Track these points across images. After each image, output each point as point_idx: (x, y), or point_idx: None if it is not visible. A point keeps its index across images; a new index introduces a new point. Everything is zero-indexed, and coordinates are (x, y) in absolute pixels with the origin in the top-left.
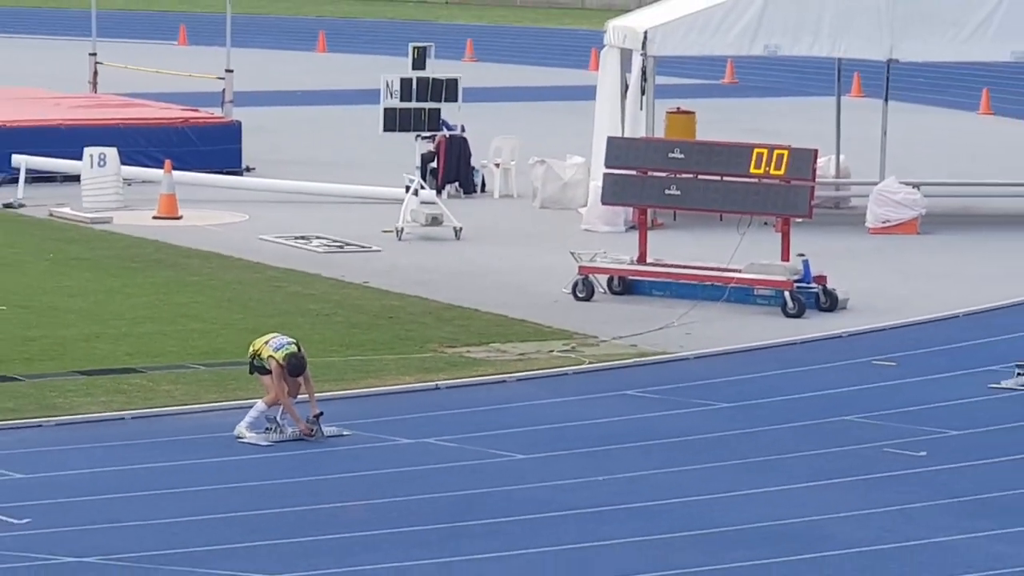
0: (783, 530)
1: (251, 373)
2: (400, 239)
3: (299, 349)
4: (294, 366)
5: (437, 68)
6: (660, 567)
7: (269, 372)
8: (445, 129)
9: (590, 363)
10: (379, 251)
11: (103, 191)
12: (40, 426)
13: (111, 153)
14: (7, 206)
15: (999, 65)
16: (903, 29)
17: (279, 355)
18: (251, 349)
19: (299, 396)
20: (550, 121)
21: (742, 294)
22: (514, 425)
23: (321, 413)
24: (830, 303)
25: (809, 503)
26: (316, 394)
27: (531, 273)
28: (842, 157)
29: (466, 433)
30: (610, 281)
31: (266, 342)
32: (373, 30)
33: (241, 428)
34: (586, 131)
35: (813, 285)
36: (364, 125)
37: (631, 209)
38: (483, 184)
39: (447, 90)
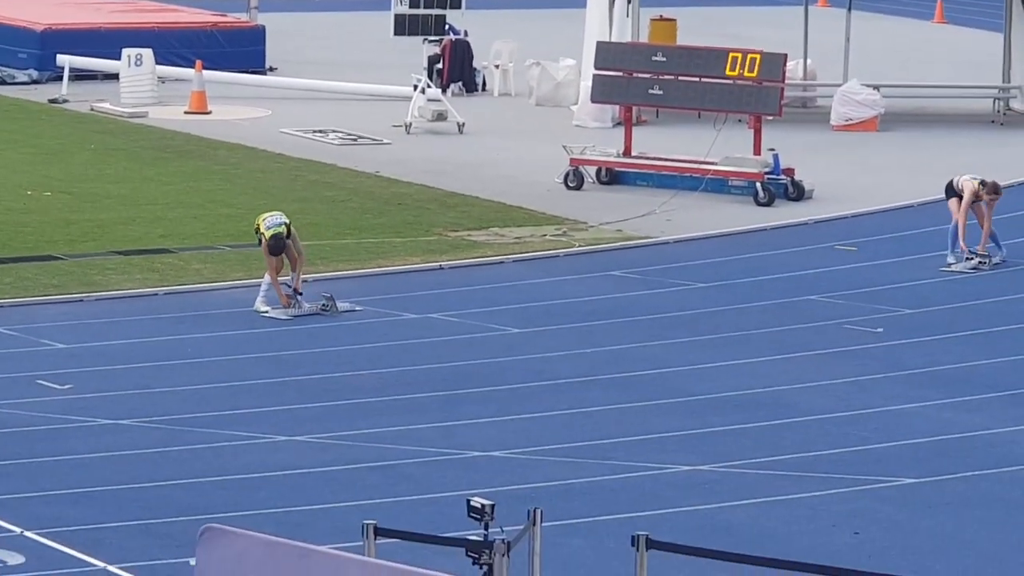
0: (752, 398)
1: (258, 245)
2: (408, 133)
3: (288, 232)
4: (273, 246)
5: None
6: (640, 431)
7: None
8: (450, 33)
9: (580, 246)
10: (389, 144)
11: (139, 88)
12: (81, 301)
13: (147, 54)
14: (52, 101)
15: None
16: None
17: (268, 233)
18: (255, 223)
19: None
20: (545, 27)
21: (718, 184)
22: (510, 302)
23: (300, 293)
24: (797, 193)
25: (775, 374)
26: (329, 273)
27: (527, 164)
28: (809, 61)
29: (466, 309)
30: (598, 172)
31: (264, 219)
32: None
33: (257, 304)
34: (577, 36)
35: (782, 177)
36: (376, 29)
37: (618, 107)
38: (484, 83)
39: None
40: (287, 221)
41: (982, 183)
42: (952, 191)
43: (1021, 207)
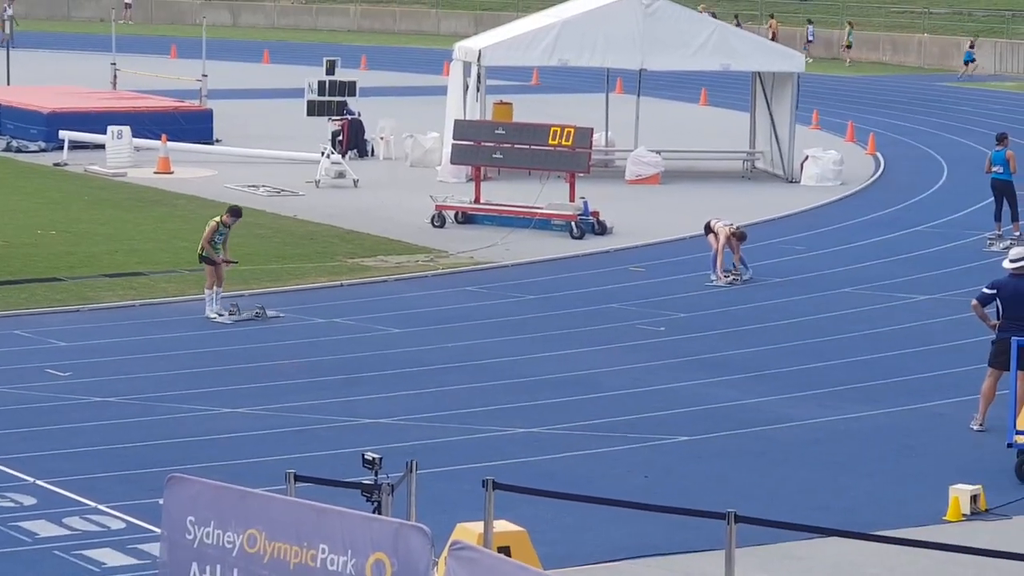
0: (571, 379)
1: (200, 263)
2: (318, 187)
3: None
4: (234, 211)
5: (342, 74)
6: (489, 404)
7: (212, 263)
8: (348, 114)
9: (442, 269)
10: (304, 195)
11: (121, 155)
12: (78, 311)
13: (126, 130)
14: (56, 165)
15: (713, 72)
16: (650, 48)
17: (221, 215)
18: (198, 247)
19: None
20: (416, 109)
21: (543, 223)
22: (392, 309)
23: (236, 261)
24: (601, 229)
25: (588, 361)
26: (260, 289)
27: (404, 209)
28: (609, 133)
29: (360, 315)
30: (456, 215)
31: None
32: (300, 49)
33: (207, 312)
34: (440, 115)
35: (590, 217)
36: (294, 111)
37: (470, 167)
38: (372, 150)
39: (349, 88)
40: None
41: (733, 232)
42: (709, 229)
43: (763, 239)
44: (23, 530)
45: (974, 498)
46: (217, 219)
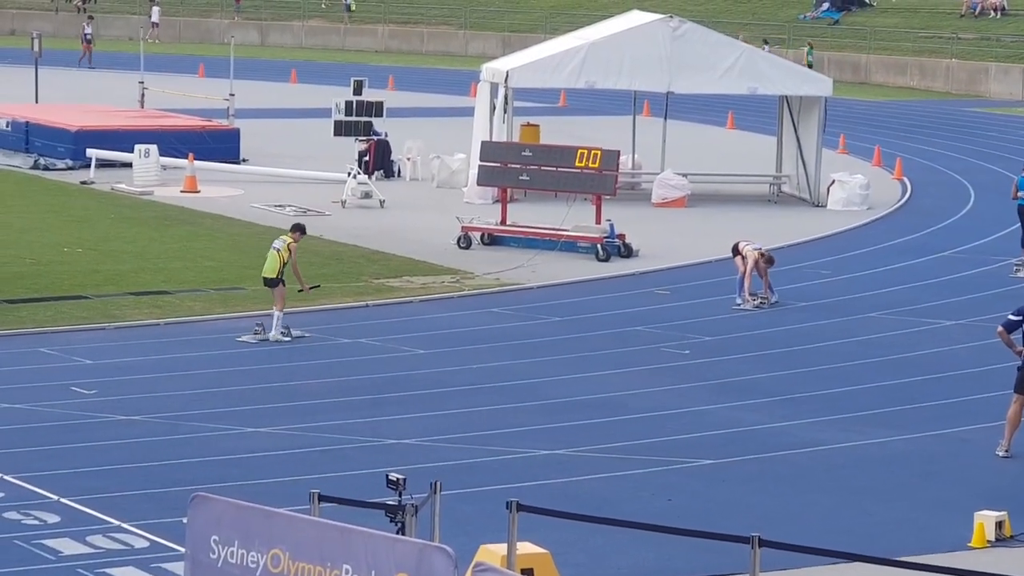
0: (595, 401)
1: (267, 285)
2: (344, 207)
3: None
4: (299, 227)
5: (369, 94)
6: (513, 425)
7: (282, 284)
8: (374, 134)
9: (468, 290)
10: (330, 215)
11: (148, 173)
12: (103, 329)
13: (153, 148)
14: (83, 183)
15: (739, 96)
16: (677, 71)
17: (288, 236)
18: (267, 274)
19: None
20: (443, 130)
21: (569, 246)
22: (417, 330)
23: (318, 285)
24: (627, 252)
25: (612, 384)
26: (286, 309)
27: (430, 230)
28: (636, 155)
29: (386, 335)
30: (482, 236)
31: (276, 252)
32: (327, 69)
33: (275, 333)
34: (467, 137)
35: (616, 240)
36: (321, 131)
37: (496, 188)
38: (399, 171)
39: (376, 109)
40: (278, 247)
41: (761, 255)
42: (736, 251)
43: (790, 263)
44: (47, 548)
45: (999, 524)
46: (291, 243)
